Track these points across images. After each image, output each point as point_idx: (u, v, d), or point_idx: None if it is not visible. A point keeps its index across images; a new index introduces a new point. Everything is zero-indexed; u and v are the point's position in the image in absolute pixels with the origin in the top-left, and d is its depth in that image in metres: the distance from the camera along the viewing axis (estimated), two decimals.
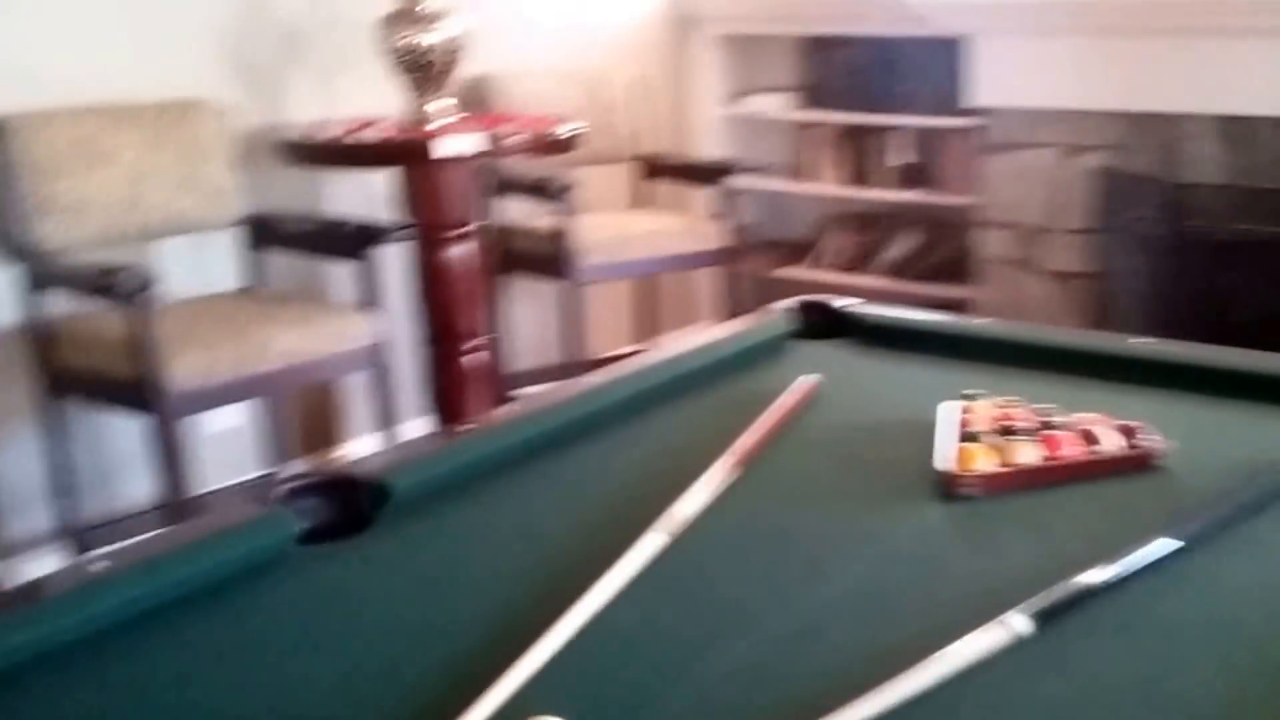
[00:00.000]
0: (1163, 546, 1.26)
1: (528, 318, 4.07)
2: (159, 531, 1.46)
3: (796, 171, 4.58)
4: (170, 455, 2.55)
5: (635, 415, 1.89)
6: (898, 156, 4.42)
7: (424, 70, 3.18)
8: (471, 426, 1.73)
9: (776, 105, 4.52)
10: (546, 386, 1.99)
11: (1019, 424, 1.62)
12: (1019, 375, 1.97)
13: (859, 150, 4.42)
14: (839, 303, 2.30)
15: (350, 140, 3.02)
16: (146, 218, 2.93)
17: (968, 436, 1.61)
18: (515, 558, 1.37)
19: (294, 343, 2.73)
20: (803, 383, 1.95)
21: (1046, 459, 1.56)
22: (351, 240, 2.85)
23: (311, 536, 1.40)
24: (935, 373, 2.02)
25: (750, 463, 1.64)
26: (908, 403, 1.85)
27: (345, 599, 1.27)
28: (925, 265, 4.34)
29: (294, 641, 1.17)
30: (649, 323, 4.31)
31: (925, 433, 1.66)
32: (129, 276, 2.47)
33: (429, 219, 3.25)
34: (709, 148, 4.59)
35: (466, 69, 3.79)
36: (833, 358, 2.12)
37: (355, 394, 3.61)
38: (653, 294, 4.32)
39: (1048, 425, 1.61)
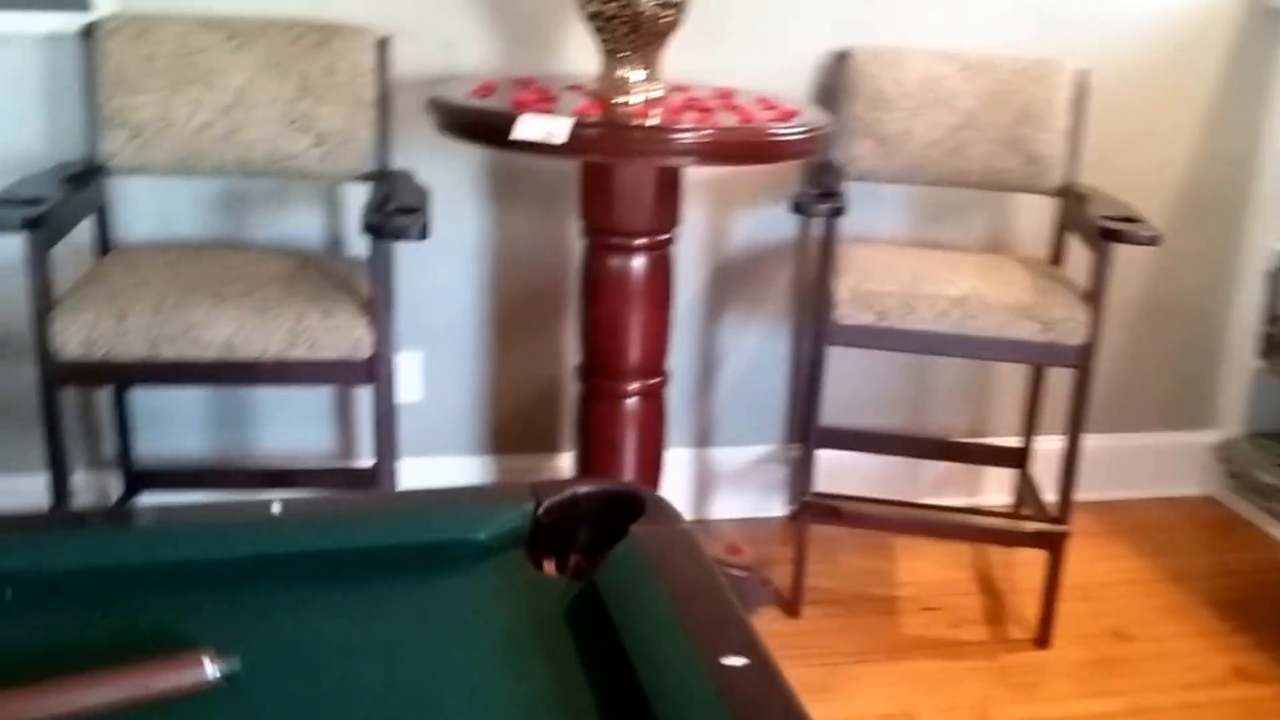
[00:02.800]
0: None
1: (858, 368, 3.10)
2: None
3: None
4: (51, 426, 2.17)
5: None
6: None
7: (620, 30, 2.39)
8: None
9: None
10: None
11: None
12: None
13: None
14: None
15: (454, 103, 2.34)
16: (244, 153, 2.52)
17: None
18: None
19: (232, 334, 2.18)
20: (178, 662, 1.07)
21: None
22: (370, 226, 2.19)
23: None
24: None
25: None
26: None
27: None
28: None
29: None
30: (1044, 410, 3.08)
31: None
32: (9, 212, 2.09)
33: (593, 219, 2.49)
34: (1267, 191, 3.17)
35: (830, 39, 2.90)
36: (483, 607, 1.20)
37: None
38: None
39: None
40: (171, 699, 1.05)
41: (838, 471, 3.01)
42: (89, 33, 2.47)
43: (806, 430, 2.72)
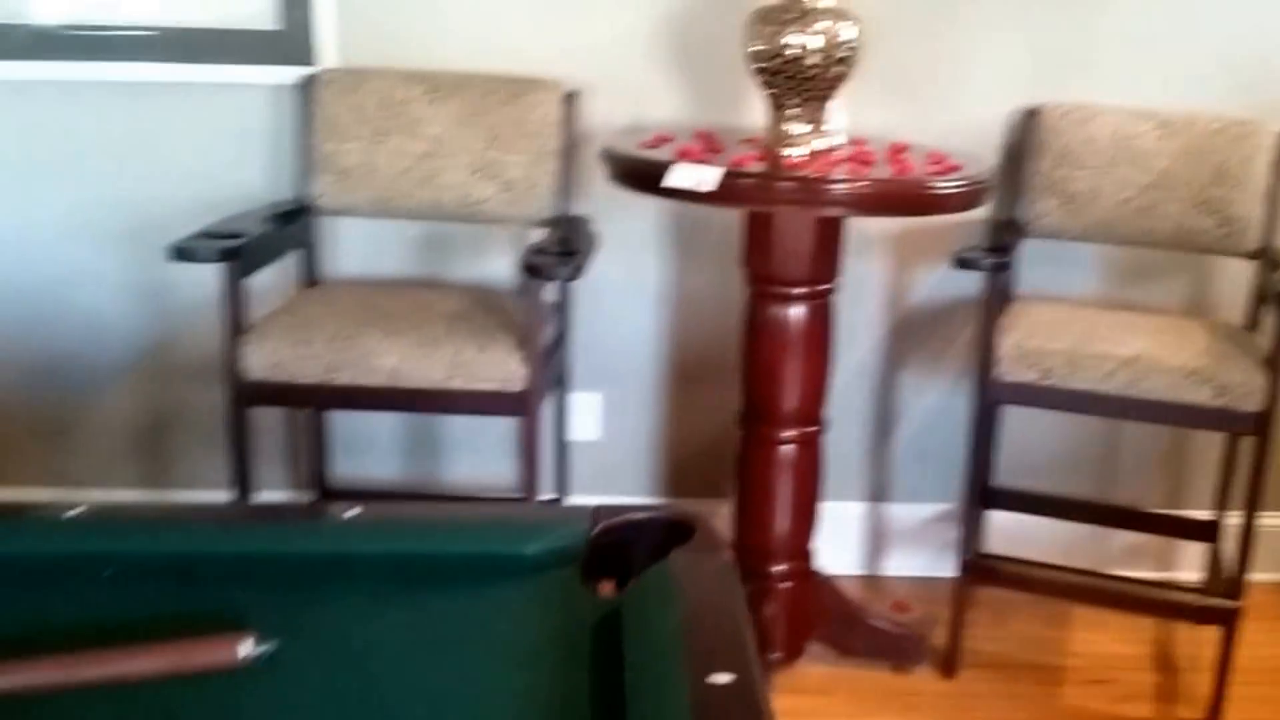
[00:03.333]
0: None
1: (1046, 431, 3.06)
2: None
3: None
4: (237, 443, 2.38)
5: None
6: None
7: (785, 84, 2.46)
8: None
9: None
10: None
11: None
12: None
13: None
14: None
15: (619, 152, 2.46)
16: (437, 197, 2.72)
17: None
18: None
19: (399, 363, 2.35)
20: (218, 641, 1.20)
21: None
22: (524, 265, 2.32)
23: None
24: None
25: None
26: None
27: None
28: None
29: None
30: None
31: None
32: (208, 244, 2.33)
33: (755, 268, 2.56)
34: None
35: (1022, 96, 2.88)
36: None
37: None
38: None
39: None
40: (210, 672, 1.18)
41: (1022, 535, 2.97)
42: (307, 84, 2.72)
43: (972, 488, 2.69)
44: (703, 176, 2.26)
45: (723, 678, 1.13)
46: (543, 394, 2.41)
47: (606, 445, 3.11)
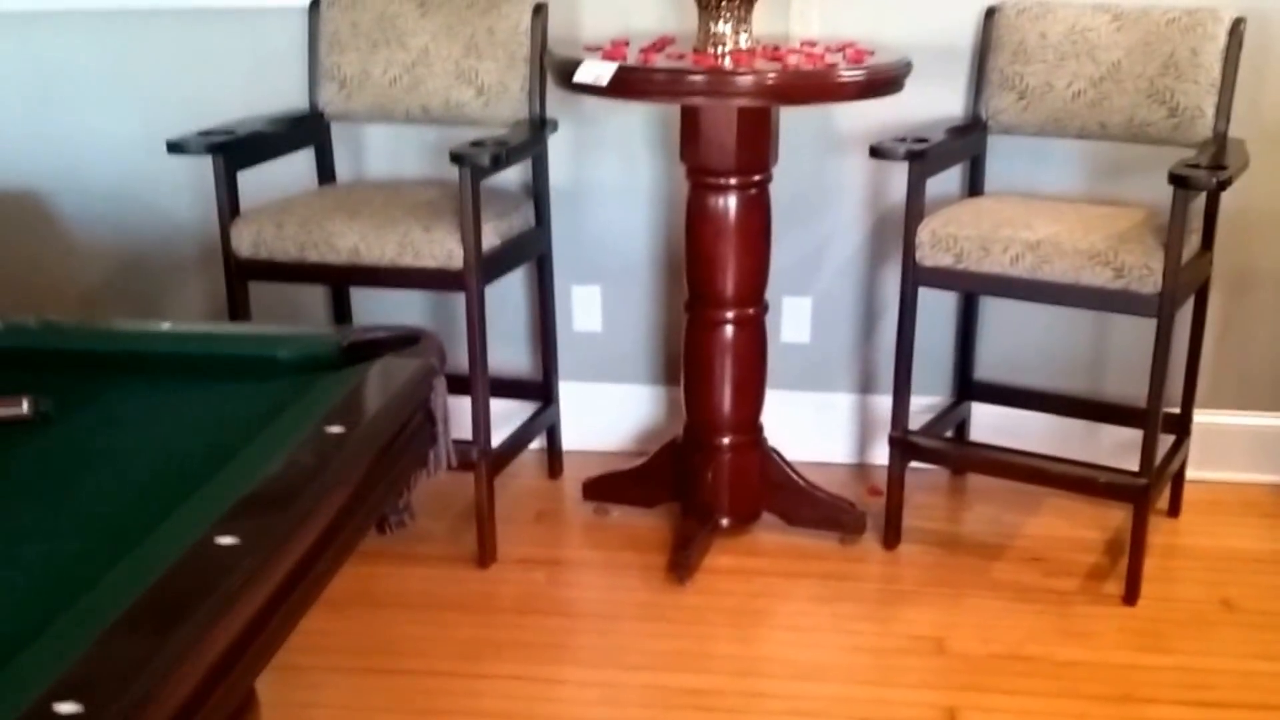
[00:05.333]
0: None
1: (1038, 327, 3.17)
2: None
3: None
4: (234, 312, 2.74)
5: None
6: None
7: None
8: None
9: None
10: None
11: None
12: None
13: None
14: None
15: (554, 55, 2.71)
16: (424, 102, 3.02)
17: None
18: None
19: (357, 242, 2.66)
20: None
21: None
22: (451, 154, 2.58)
23: None
24: None
25: None
26: None
27: None
28: None
29: None
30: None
31: None
32: (198, 140, 2.70)
33: (690, 161, 2.77)
34: None
35: None
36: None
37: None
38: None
39: None
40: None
41: (1010, 430, 3.08)
42: (316, 3, 3.07)
43: (900, 367, 2.84)
44: (600, 71, 2.49)
45: (336, 428, 1.41)
46: (484, 275, 2.68)
47: (607, 336, 3.37)
